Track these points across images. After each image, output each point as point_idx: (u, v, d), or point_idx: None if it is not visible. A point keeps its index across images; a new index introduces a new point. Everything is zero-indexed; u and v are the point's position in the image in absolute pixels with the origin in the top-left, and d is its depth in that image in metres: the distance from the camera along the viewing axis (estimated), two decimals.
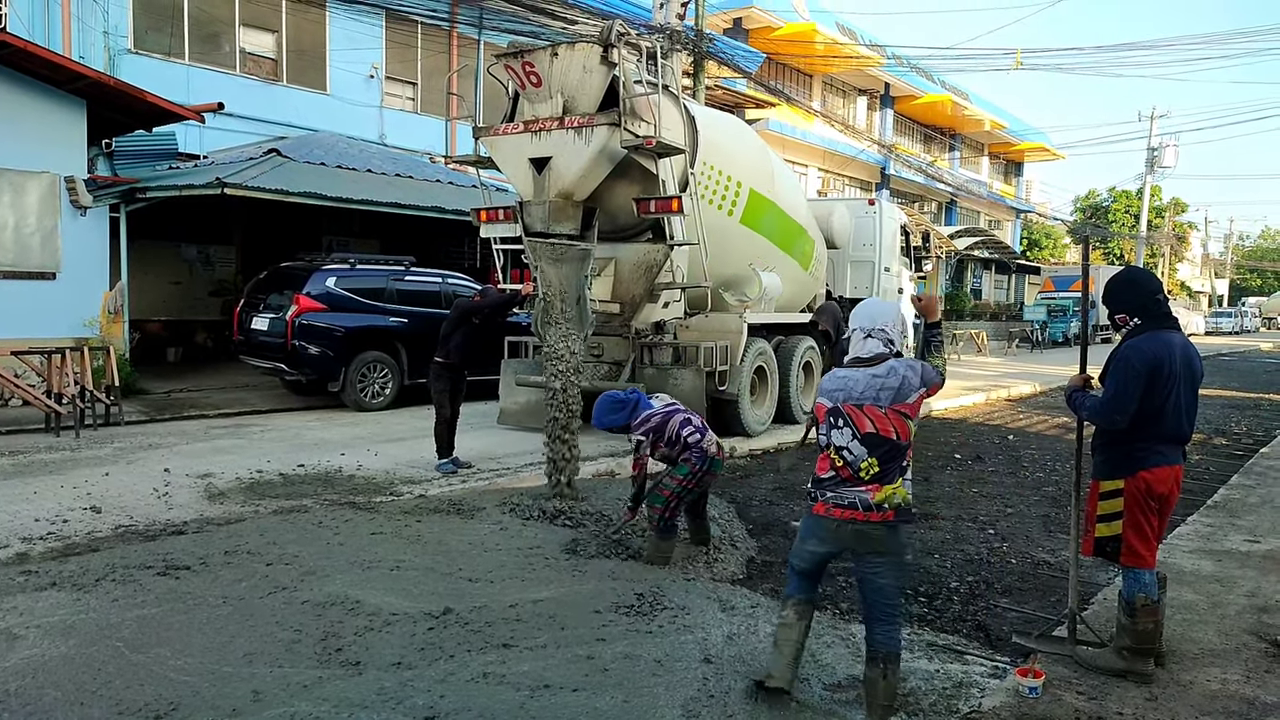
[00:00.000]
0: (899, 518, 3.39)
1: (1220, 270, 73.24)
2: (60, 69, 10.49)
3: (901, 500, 3.38)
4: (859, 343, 3.54)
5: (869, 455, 3.39)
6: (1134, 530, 3.94)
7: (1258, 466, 9.05)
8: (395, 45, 18.09)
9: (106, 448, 8.54)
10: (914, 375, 3.44)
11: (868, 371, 3.46)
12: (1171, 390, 3.88)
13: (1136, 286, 4.06)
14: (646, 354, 9.66)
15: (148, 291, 14.44)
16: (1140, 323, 4.00)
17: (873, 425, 3.39)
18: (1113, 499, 4.00)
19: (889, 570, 3.43)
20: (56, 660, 3.82)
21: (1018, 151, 44.47)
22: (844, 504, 3.42)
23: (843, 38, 28.52)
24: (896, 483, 3.39)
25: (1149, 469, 3.91)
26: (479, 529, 6.05)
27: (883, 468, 3.39)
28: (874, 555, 3.42)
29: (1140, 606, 3.90)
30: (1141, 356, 3.85)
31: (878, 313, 3.57)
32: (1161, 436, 3.91)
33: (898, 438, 3.38)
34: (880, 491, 3.37)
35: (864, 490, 3.39)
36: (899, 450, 3.39)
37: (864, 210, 14.12)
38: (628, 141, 7.35)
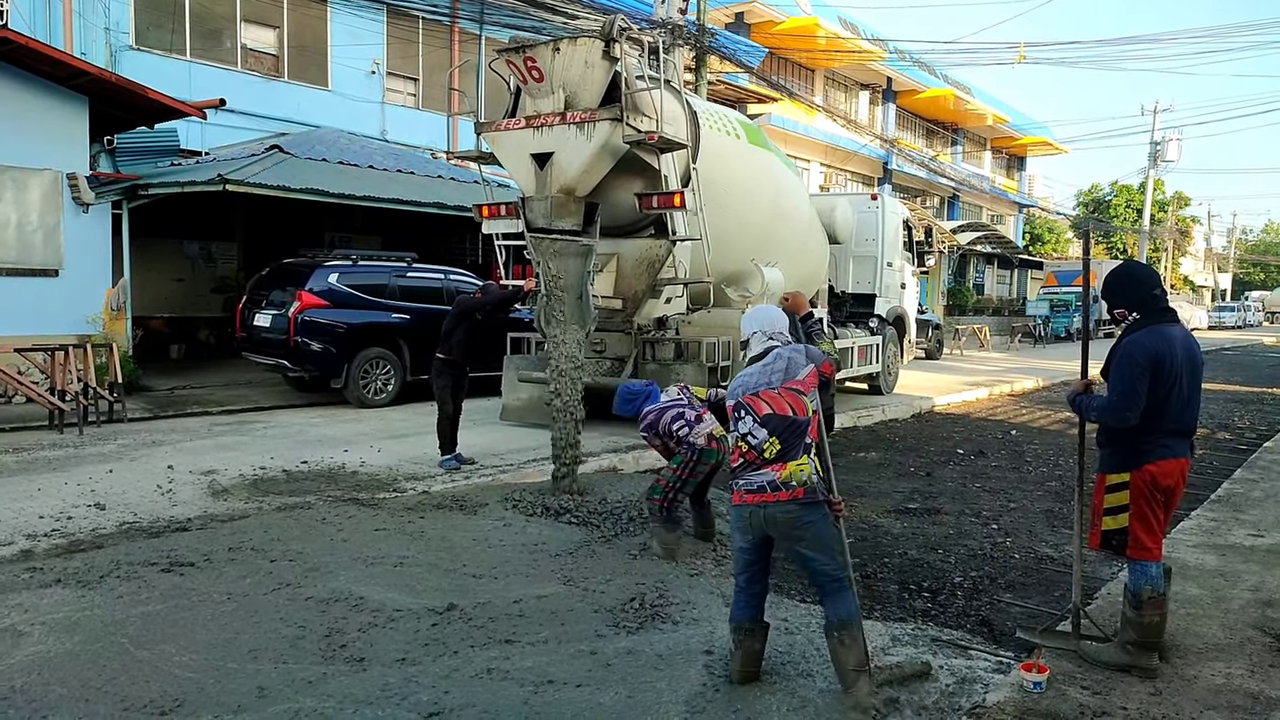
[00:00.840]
0: (808, 495, 3.53)
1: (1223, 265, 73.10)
2: (62, 66, 10.48)
3: (807, 477, 3.54)
4: (759, 344, 3.87)
5: (770, 436, 3.59)
6: (1140, 523, 3.93)
7: (1261, 461, 9.04)
8: (396, 41, 18.07)
9: (110, 445, 8.55)
10: (799, 355, 3.75)
11: (759, 364, 3.78)
12: (1174, 384, 3.87)
13: (1135, 281, 4.06)
14: (649, 349, 9.65)
15: (150, 288, 14.45)
16: (1139, 317, 3.99)
17: (769, 407, 3.62)
18: (1119, 492, 3.99)
19: (813, 546, 3.56)
20: (61, 657, 3.83)
21: (1020, 146, 44.37)
22: (754, 488, 3.59)
23: (845, 32, 28.45)
24: (801, 459, 3.56)
25: (1155, 462, 3.90)
26: (482, 525, 6.06)
27: (784, 445, 3.58)
28: (794, 537, 3.56)
29: (1147, 599, 3.90)
30: (1144, 351, 3.84)
31: (766, 319, 3.94)
32: (1166, 430, 3.91)
33: (794, 414, 3.59)
34: (784, 470, 3.54)
35: (769, 470, 3.57)
36: (798, 427, 3.59)
37: (866, 205, 14.10)
38: (630, 137, 7.33)
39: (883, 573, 5.43)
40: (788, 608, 4.60)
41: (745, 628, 3.75)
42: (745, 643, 3.75)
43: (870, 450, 9.73)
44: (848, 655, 3.53)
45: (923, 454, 9.63)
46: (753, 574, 3.76)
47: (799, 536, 3.55)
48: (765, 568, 3.80)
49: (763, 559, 3.76)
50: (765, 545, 3.71)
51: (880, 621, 4.57)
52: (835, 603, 3.58)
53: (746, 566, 3.75)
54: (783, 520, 3.54)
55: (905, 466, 8.89)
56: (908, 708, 3.59)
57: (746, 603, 3.77)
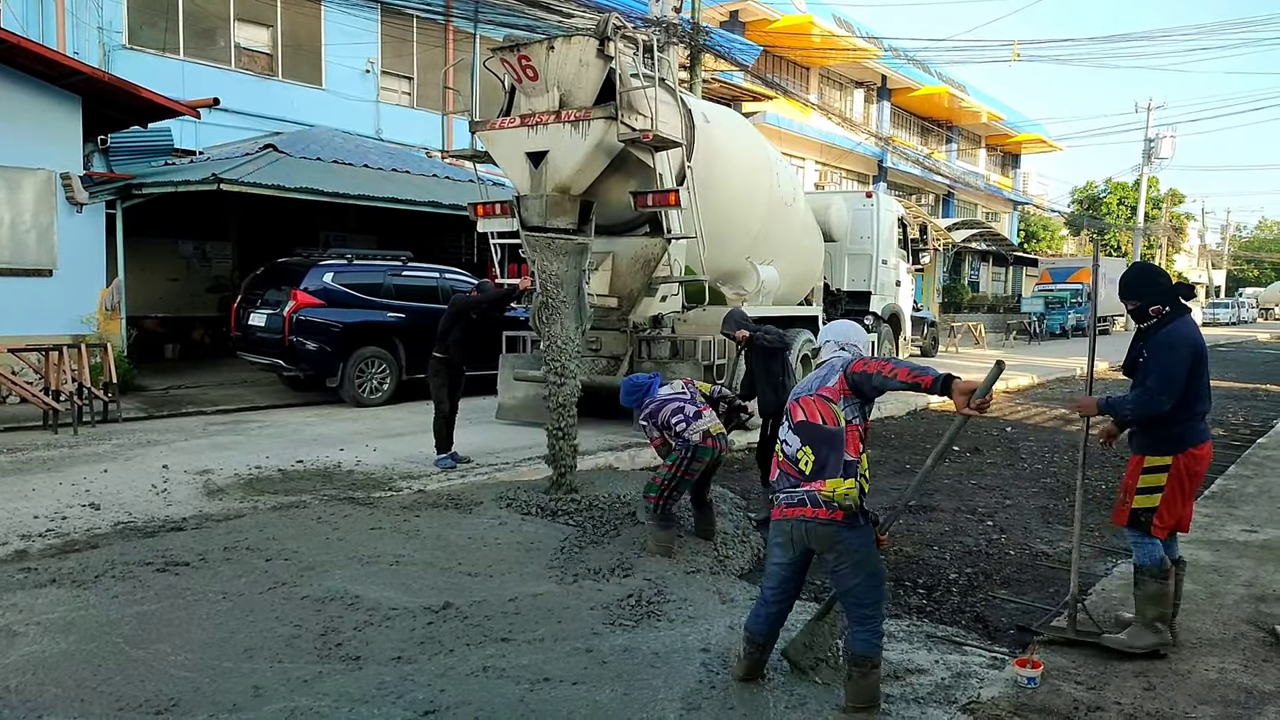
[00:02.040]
0: (848, 519, 3.35)
1: (1217, 261, 73.28)
2: (55, 65, 10.45)
3: (852, 501, 3.33)
4: (827, 354, 3.71)
5: (802, 444, 3.46)
6: (1169, 503, 4.12)
7: (1255, 456, 9.07)
8: (391, 40, 18.04)
9: (105, 445, 8.53)
10: (838, 359, 3.56)
11: (816, 371, 3.66)
12: (1207, 369, 4.13)
13: (1163, 276, 4.28)
14: (644, 348, 9.66)
15: (145, 288, 14.41)
16: (1171, 309, 4.17)
17: (803, 413, 3.50)
18: (1157, 474, 4.13)
19: (850, 572, 3.41)
20: (56, 657, 3.82)
21: (1015, 143, 44.43)
22: (794, 501, 3.44)
23: (839, 30, 28.45)
24: (840, 479, 3.35)
25: (1198, 445, 4.11)
26: (478, 524, 6.05)
27: (818, 458, 3.41)
28: (833, 555, 3.41)
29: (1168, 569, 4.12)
30: (1186, 342, 4.04)
31: (845, 331, 3.78)
32: (1201, 414, 4.13)
33: (824, 423, 3.42)
34: (825, 487, 3.36)
35: (810, 486, 3.40)
36: (831, 438, 3.40)
37: (861, 203, 14.13)
38: (624, 135, 7.33)
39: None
40: None
41: (758, 641, 3.68)
42: (753, 654, 3.69)
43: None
44: (854, 691, 3.44)
45: (918, 451, 9.64)
46: (783, 591, 3.64)
47: (840, 554, 3.40)
48: (797, 588, 3.68)
49: (797, 577, 3.62)
50: (803, 562, 3.57)
51: None
52: (857, 634, 3.45)
53: (780, 583, 3.63)
54: (823, 536, 3.39)
55: (901, 464, 8.90)
56: (903, 703, 3.61)
57: (766, 617, 3.67)
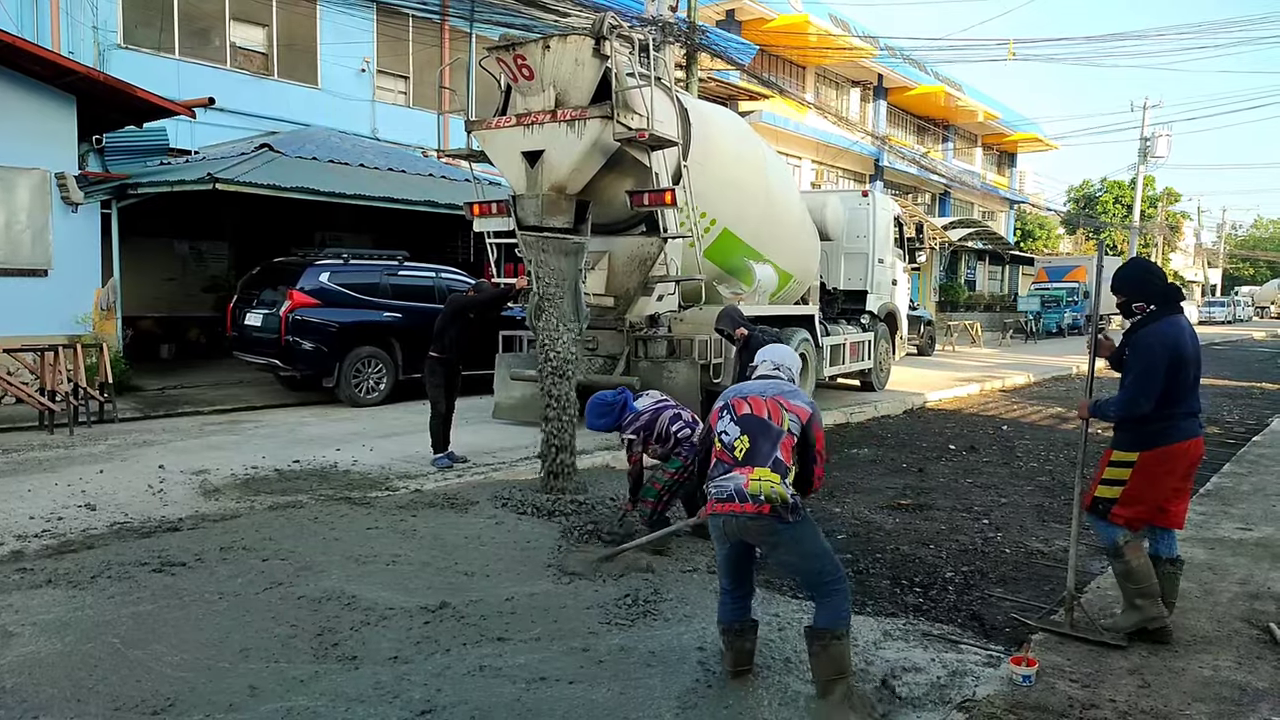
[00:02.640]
0: (775, 513, 3.37)
1: (1213, 260, 73.44)
2: (49, 65, 10.43)
3: (779, 496, 3.37)
4: (768, 369, 3.86)
5: (741, 434, 3.54)
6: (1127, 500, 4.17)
7: (1250, 455, 9.10)
8: (387, 39, 18.02)
9: (101, 445, 8.52)
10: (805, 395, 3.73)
11: (764, 381, 3.79)
12: (1189, 370, 4.12)
13: (1154, 275, 4.30)
14: (641, 347, 9.66)
15: (140, 288, 14.39)
16: (1156, 308, 4.18)
17: (749, 408, 3.60)
18: (1122, 468, 4.20)
19: (795, 560, 3.50)
20: (52, 657, 3.82)
21: (1011, 142, 44.50)
22: (723, 496, 3.47)
23: (836, 29, 28.47)
24: (769, 472, 3.42)
25: (1175, 443, 4.12)
26: (474, 523, 6.06)
27: (752, 445, 3.49)
28: (770, 544, 3.48)
29: (1125, 543, 4.17)
30: (1163, 342, 4.06)
31: (785, 355, 3.94)
32: (1180, 413, 4.14)
33: (769, 418, 3.53)
34: (753, 475, 3.42)
35: (738, 474, 3.46)
36: (770, 431, 3.51)
37: (857, 202, 14.12)
38: (620, 134, 7.33)
39: (875, 568, 5.45)
40: (778, 603, 4.61)
41: (734, 629, 3.73)
42: (735, 643, 3.73)
43: (862, 446, 9.76)
44: (822, 664, 3.45)
45: (915, 450, 9.66)
46: (736, 578, 3.71)
47: (774, 544, 3.47)
48: (748, 571, 3.74)
49: (744, 562, 3.69)
50: (745, 550, 3.64)
51: (872, 617, 4.58)
52: (821, 607, 3.48)
53: (729, 571, 3.71)
54: (755, 529, 3.45)
55: (897, 462, 8.91)
56: (899, 701, 3.61)
57: (733, 605, 3.73)
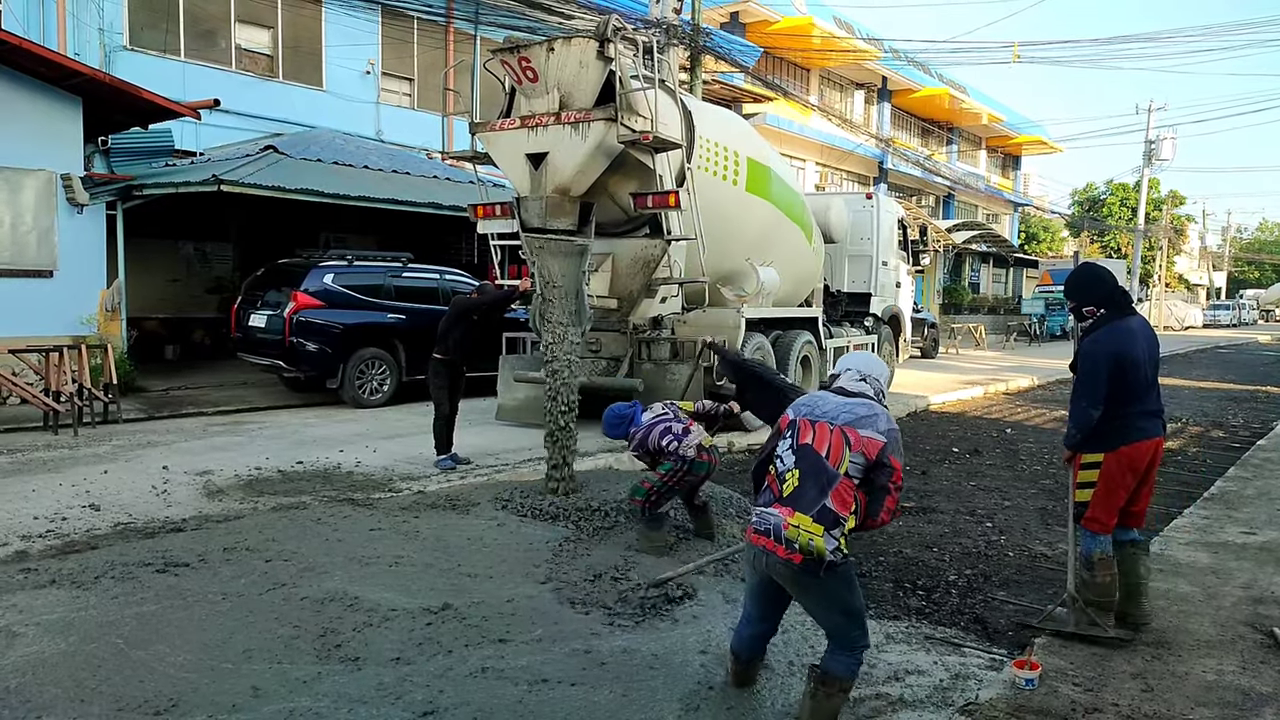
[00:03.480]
0: (807, 565, 3.12)
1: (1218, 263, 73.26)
2: (56, 66, 10.46)
3: (818, 549, 3.09)
4: (851, 381, 3.50)
5: (794, 466, 3.27)
6: (1100, 500, 4.30)
7: (1255, 459, 9.07)
8: (391, 41, 18.06)
9: (105, 445, 8.54)
10: (885, 422, 3.32)
11: (843, 399, 3.42)
12: (1138, 371, 4.22)
13: (1103, 280, 4.39)
14: (644, 349, 9.66)
15: (145, 289, 14.42)
16: (1105, 313, 4.30)
17: (812, 437, 3.28)
18: (1091, 470, 4.34)
19: (818, 610, 3.31)
20: (56, 657, 3.83)
21: (1015, 145, 44.42)
22: (761, 529, 3.25)
23: (840, 31, 28.47)
24: (811, 521, 3.13)
25: (1131, 444, 4.25)
26: (477, 525, 6.06)
27: (801, 485, 3.21)
28: (797, 590, 3.27)
29: (1098, 560, 4.27)
30: (1103, 349, 4.20)
31: (873, 365, 3.59)
32: (1138, 412, 4.26)
33: (827, 458, 3.21)
34: (793, 519, 3.15)
35: (779, 511, 3.21)
36: (823, 474, 3.19)
37: (861, 204, 14.13)
38: (624, 137, 7.34)
39: (878, 571, 5.44)
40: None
41: (741, 658, 3.57)
42: (739, 671, 3.60)
43: None
44: (810, 711, 3.28)
45: (918, 452, 9.65)
46: (761, 610, 3.49)
47: (801, 592, 3.27)
48: (775, 609, 3.49)
49: (771, 600, 3.44)
50: (778, 591, 3.38)
51: (875, 620, 4.58)
52: (836, 654, 3.29)
53: (755, 600, 3.50)
54: (784, 574, 3.22)
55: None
56: (902, 704, 3.61)
57: (749, 636, 3.54)
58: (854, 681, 3.32)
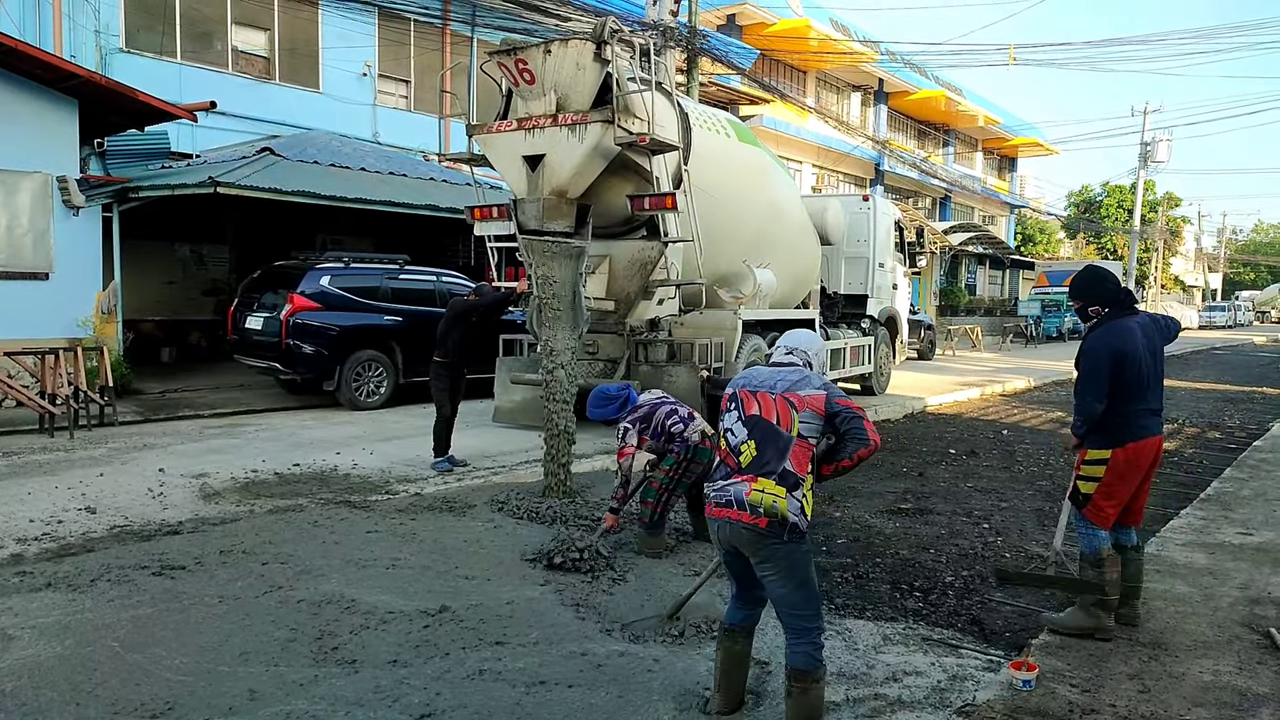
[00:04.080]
0: (772, 528, 3.17)
1: (1214, 264, 73.44)
2: (51, 68, 10.45)
3: (781, 511, 3.16)
4: (780, 355, 3.59)
5: (748, 437, 3.31)
6: (1105, 494, 4.33)
7: (1251, 459, 9.09)
8: (388, 43, 18.05)
9: (101, 448, 8.52)
10: (818, 379, 3.41)
11: (775, 369, 3.51)
12: (1140, 367, 4.28)
13: (1106, 280, 4.49)
14: (641, 351, 9.66)
15: (141, 291, 14.40)
16: (1109, 311, 4.39)
17: (758, 407, 3.35)
18: (1096, 466, 4.36)
19: (778, 579, 3.26)
20: (52, 660, 3.82)
21: (1011, 147, 44.52)
22: (721, 501, 3.29)
23: (836, 34, 28.51)
24: (774, 485, 3.20)
25: (1138, 440, 4.29)
26: (474, 527, 6.06)
27: (760, 453, 3.26)
28: (757, 560, 3.27)
29: (1106, 556, 4.31)
30: (1104, 347, 4.28)
31: (803, 339, 3.64)
32: (1142, 409, 4.31)
33: (778, 423, 3.28)
34: (755, 484, 3.21)
35: (740, 481, 3.25)
36: (778, 439, 3.26)
37: (858, 206, 14.14)
38: (621, 139, 7.35)
39: (875, 573, 5.44)
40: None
41: (730, 629, 3.53)
42: (725, 643, 3.53)
43: None
44: (795, 710, 3.26)
45: (915, 454, 9.65)
46: (744, 585, 3.48)
47: (765, 557, 3.24)
48: (754, 579, 3.44)
49: (751, 572, 3.40)
50: (740, 560, 3.38)
51: (872, 621, 4.59)
52: (796, 647, 3.28)
53: (732, 575, 3.51)
54: (748, 539, 3.23)
55: (897, 467, 8.91)
56: (899, 705, 3.61)
57: (738, 607, 3.53)
58: (822, 672, 3.30)
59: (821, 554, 5.72)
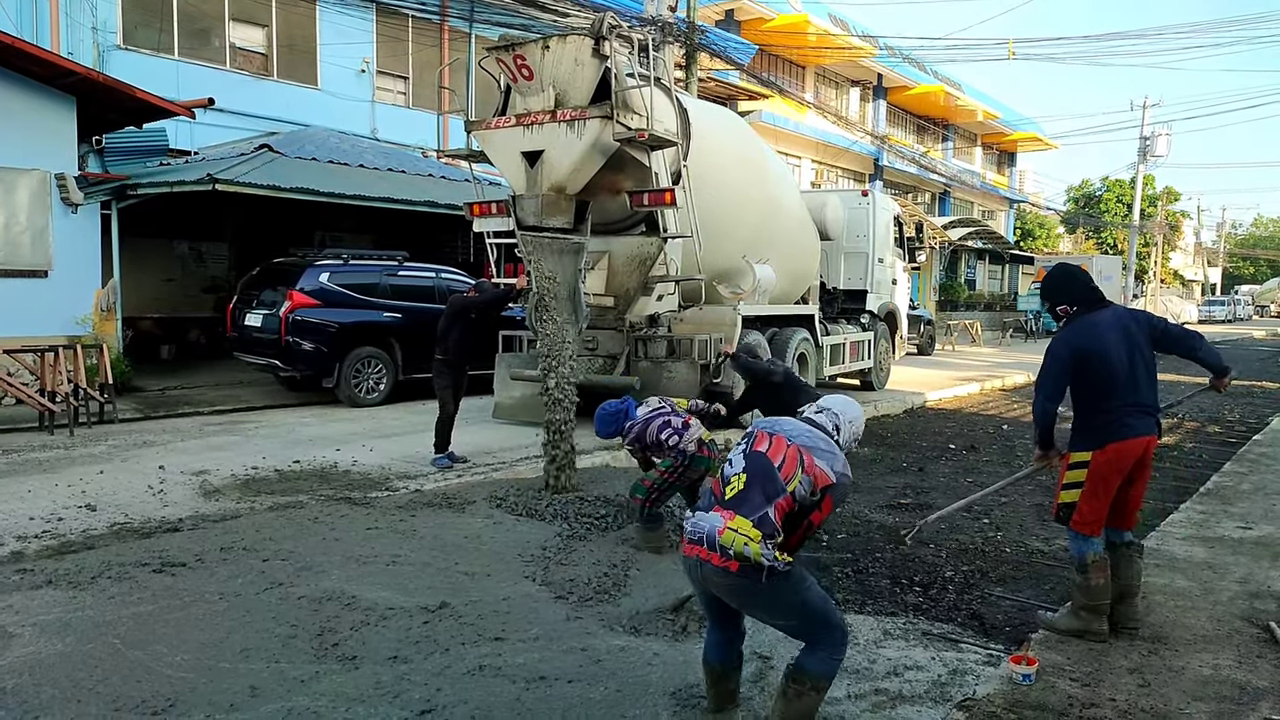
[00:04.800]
0: (745, 572, 2.94)
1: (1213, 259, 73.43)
2: (49, 65, 10.43)
3: (752, 557, 2.91)
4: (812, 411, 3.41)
5: (742, 470, 3.11)
6: (1088, 500, 4.19)
7: (1250, 454, 9.09)
8: (386, 39, 18.02)
9: (101, 445, 8.52)
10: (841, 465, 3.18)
11: (805, 424, 3.32)
12: (1110, 364, 4.12)
13: (1075, 279, 4.38)
14: (641, 347, 9.66)
15: (140, 289, 14.39)
16: (1078, 309, 4.28)
17: (767, 446, 3.14)
18: (1079, 470, 4.24)
19: (767, 616, 3.13)
20: (53, 658, 3.82)
21: (1010, 142, 44.50)
22: (694, 537, 3.06)
23: (835, 29, 28.47)
24: (752, 526, 2.95)
25: (1118, 441, 4.12)
26: (473, 523, 6.06)
27: (745, 490, 3.04)
28: (740, 602, 3.10)
29: (1091, 563, 4.16)
30: (1065, 346, 4.20)
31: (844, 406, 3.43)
32: (1122, 407, 4.13)
33: (779, 469, 3.06)
34: (732, 522, 2.97)
35: (718, 515, 3.03)
36: (771, 483, 3.04)
37: (857, 201, 14.13)
38: (620, 134, 7.33)
39: (875, 567, 5.45)
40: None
41: (713, 669, 3.36)
42: (716, 685, 3.36)
43: (862, 446, 9.74)
44: (790, 710, 3.08)
45: (915, 449, 9.66)
46: (717, 619, 3.30)
47: (743, 602, 3.08)
48: (730, 617, 3.29)
49: (721, 611, 3.24)
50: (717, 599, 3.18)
51: (872, 616, 4.59)
52: (806, 652, 3.12)
53: (708, 611, 3.33)
54: (719, 584, 3.04)
55: (898, 462, 8.91)
56: (900, 699, 3.62)
57: (716, 643, 3.33)
58: (829, 681, 3.11)
59: (822, 549, 5.73)
